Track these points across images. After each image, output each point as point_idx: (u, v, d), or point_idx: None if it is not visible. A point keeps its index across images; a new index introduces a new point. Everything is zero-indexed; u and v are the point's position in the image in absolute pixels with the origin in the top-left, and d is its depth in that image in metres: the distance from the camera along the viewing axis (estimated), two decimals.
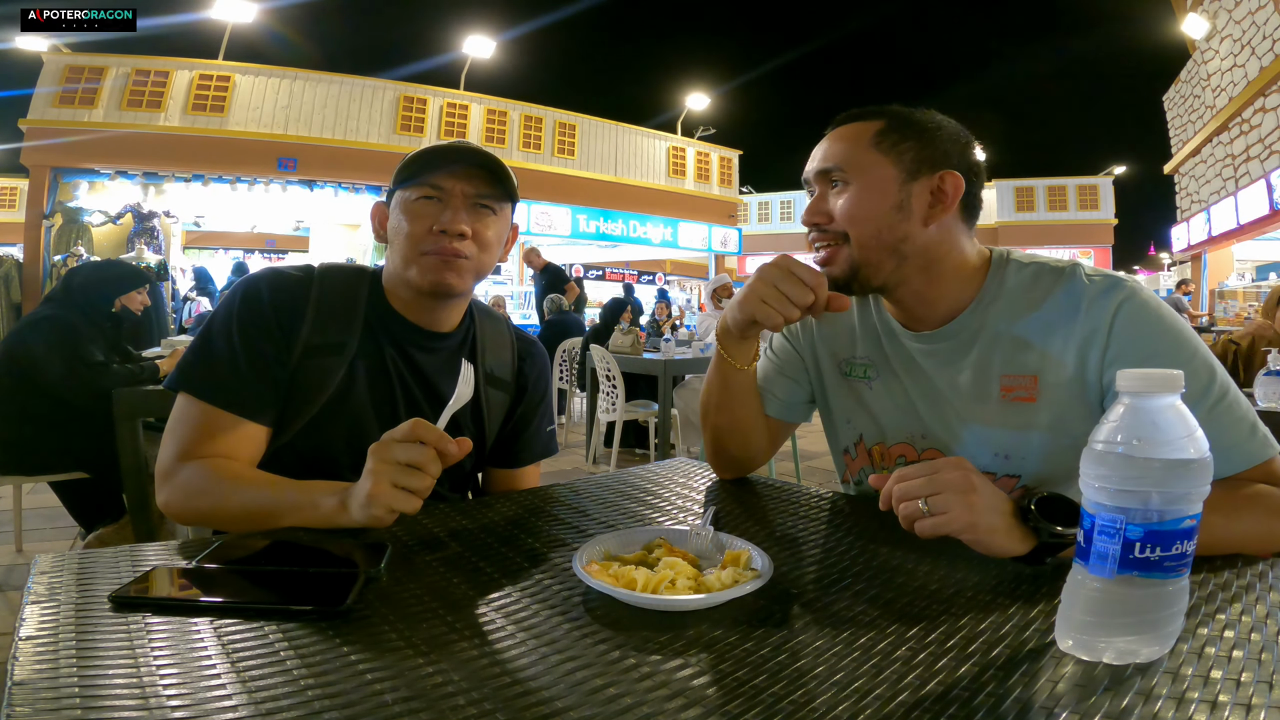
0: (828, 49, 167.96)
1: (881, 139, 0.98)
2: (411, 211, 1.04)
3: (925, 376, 1.03)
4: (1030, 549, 0.71)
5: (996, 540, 0.71)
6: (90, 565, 0.69)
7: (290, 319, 1.02)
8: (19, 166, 12.35)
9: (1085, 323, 0.91)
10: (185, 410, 0.98)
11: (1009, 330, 0.96)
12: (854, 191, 0.97)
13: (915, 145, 0.97)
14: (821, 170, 1.00)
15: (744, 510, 0.96)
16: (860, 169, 0.97)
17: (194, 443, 0.96)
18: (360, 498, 0.79)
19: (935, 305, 1.01)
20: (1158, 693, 0.49)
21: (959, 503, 0.70)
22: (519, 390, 1.21)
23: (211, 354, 1.00)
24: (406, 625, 0.59)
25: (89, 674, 0.49)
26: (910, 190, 0.97)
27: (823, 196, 1.00)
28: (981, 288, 1.00)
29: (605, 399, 4.77)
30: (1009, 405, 0.95)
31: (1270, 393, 2.34)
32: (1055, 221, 20.70)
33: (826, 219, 0.99)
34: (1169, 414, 0.53)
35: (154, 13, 13.74)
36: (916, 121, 0.99)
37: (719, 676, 0.51)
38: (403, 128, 13.62)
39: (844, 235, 0.98)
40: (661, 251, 17.71)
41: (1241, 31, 11.19)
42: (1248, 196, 10.93)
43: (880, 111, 1.00)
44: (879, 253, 0.97)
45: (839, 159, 0.99)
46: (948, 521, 0.71)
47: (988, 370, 0.97)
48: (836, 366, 1.13)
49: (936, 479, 0.72)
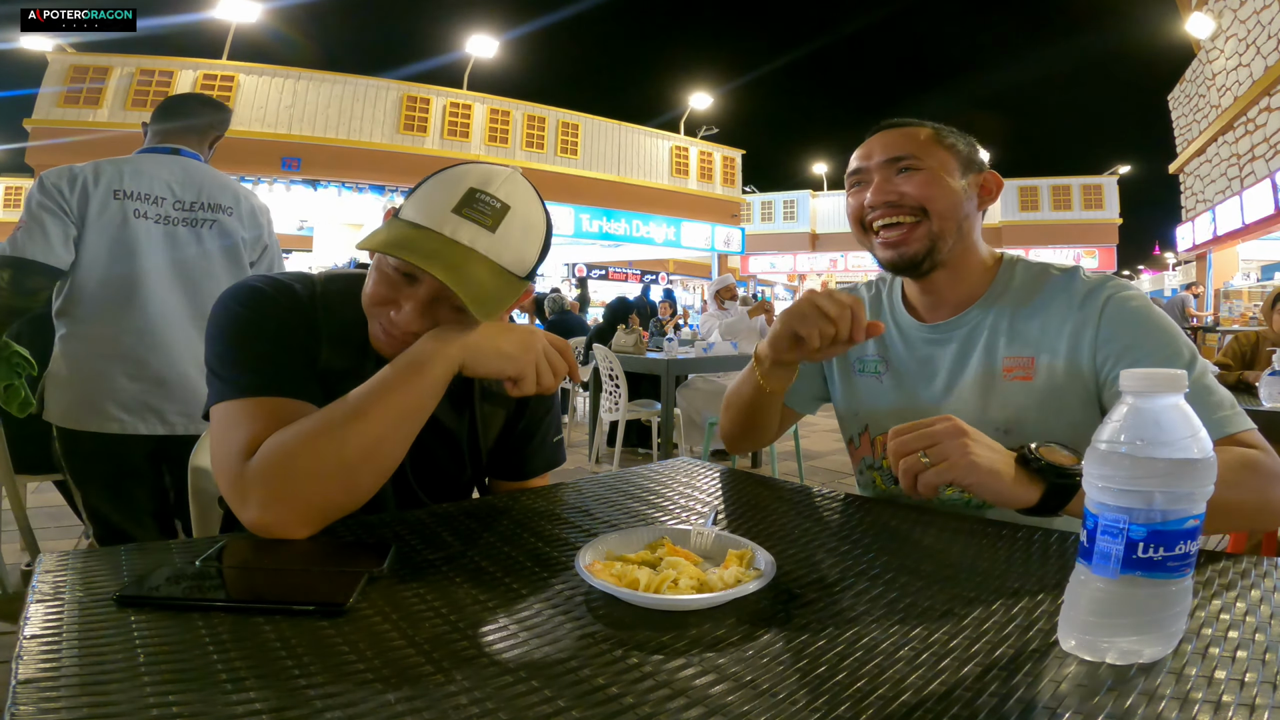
0: (830, 49, 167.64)
1: (939, 137, 1.09)
2: (378, 272, 0.90)
3: (936, 367, 1.12)
4: (1039, 495, 0.72)
5: (1002, 484, 0.74)
6: (95, 564, 0.69)
7: (307, 336, 0.93)
8: (24, 166, 12.40)
9: (1079, 313, 1.01)
10: (226, 417, 0.85)
11: (1012, 319, 1.07)
12: (930, 173, 1.06)
13: (963, 146, 1.10)
14: (890, 158, 1.08)
15: (747, 510, 0.96)
16: (932, 156, 1.07)
17: (253, 437, 0.81)
18: (509, 350, 0.86)
19: (955, 293, 1.11)
20: (1161, 693, 0.49)
21: (956, 448, 0.75)
22: (520, 403, 1.12)
23: (236, 356, 0.88)
24: (409, 624, 0.59)
25: (93, 673, 0.49)
26: (967, 181, 1.09)
27: (887, 179, 1.07)
28: (992, 283, 1.11)
29: (608, 398, 4.77)
30: (1010, 384, 1.05)
31: (1275, 393, 2.33)
32: (1059, 221, 20.63)
33: (899, 196, 1.06)
34: (1172, 414, 0.53)
35: (158, 12, 13.79)
36: (954, 130, 1.12)
37: (721, 676, 0.51)
38: (406, 127, 13.65)
39: (920, 211, 1.06)
40: (664, 251, 17.71)
41: (1246, 31, 11.14)
42: (1253, 196, 10.89)
43: (920, 121, 1.11)
44: (953, 226, 1.07)
45: (908, 148, 1.07)
46: (949, 468, 0.75)
47: (993, 354, 1.06)
48: (849, 365, 1.22)
49: (930, 432, 0.78)
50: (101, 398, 1.78)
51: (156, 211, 1.86)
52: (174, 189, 1.89)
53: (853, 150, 1.15)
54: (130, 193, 1.83)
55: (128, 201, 1.82)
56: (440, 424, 1.03)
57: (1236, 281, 12.59)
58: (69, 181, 1.79)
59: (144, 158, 1.92)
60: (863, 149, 1.13)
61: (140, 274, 1.82)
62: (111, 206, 1.81)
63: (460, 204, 0.85)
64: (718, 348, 5.08)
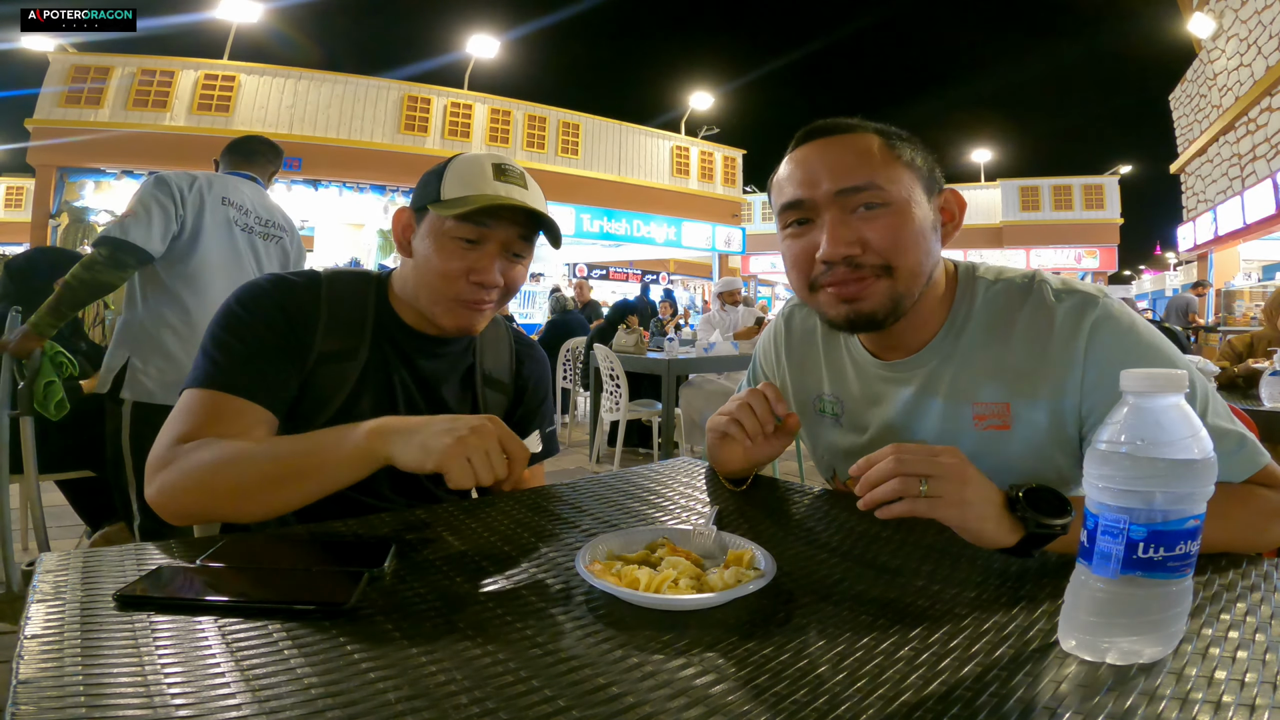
0: (831, 48, 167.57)
1: (893, 150, 0.87)
2: (446, 250, 0.99)
3: (895, 408, 0.97)
4: (1017, 540, 0.71)
5: (986, 528, 0.70)
6: (96, 564, 0.70)
7: (303, 324, 1.00)
8: (25, 166, 12.42)
9: (1057, 347, 0.86)
10: (187, 401, 0.92)
11: (979, 356, 0.92)
12: (896, 214, 0.85)
13: (920, 160, 0.89)
14: (849, 188, 0.85)
15: (747, 510, 0.96)
16: (894, 180, 0.85)
17: (194, 428, 0.89)
18: (429, 442, 0.80)
19: (913, 331, 0.95)
20: (1161, 693, 0.49)
21: (955, 491, 0.69)
22: (518, 392, 1.20)
23: (219, 348, 0.95)
24: (409, 624, 0.59)
25: (94, 672, 0.49)
26: (932, 207, 0.89)
27: (842, 222, 0.85)
28: (951, 310, 0.94)
29: (609, 398, 4.77)
30: (983, 435, 0.91)
31: (1276, 393, 2.33)
32: (1060, 221, 20.58)
33: (863, 249, 0.85)
34: (1173, 414, 0.53)
35: (159, 12, 13.80)
36: (903, 133, 0.90)
37: (722, 676, 0.51)
38: (407, 127, 13.65)
39: (884, 267, 0.86)
40: (665, 251, 17.70)
41: (1248, 31, 11.13)
42: (1254, 196, 10.87)
43: (863, 124, 0.89)
44: (920, 282, 0.88)
45: (864, 173, 0.85)
46: (942, 506, 0.69)
47: (960, 401, 0.92)
48: (810, 404, 1.11)
49: (936, 462, 0.70)
50: None
51: (245, 221, 2.33)
52: (255, 207, 2.38)
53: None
54: (232, 202, 2.30)
55: (230, 209, 2.29)
56: (446, 406, 1.10)
57: (1238, 282, 12.56)
58: (188, 182, 2.21)
59: (233, 178, 2.38)
60: (801, 171, 0.88)
61: (238, 270, 2.27)
62: (220, 211, 2.26)
63: (495, 174, 0.99)
64: (718, 348, 5.08)
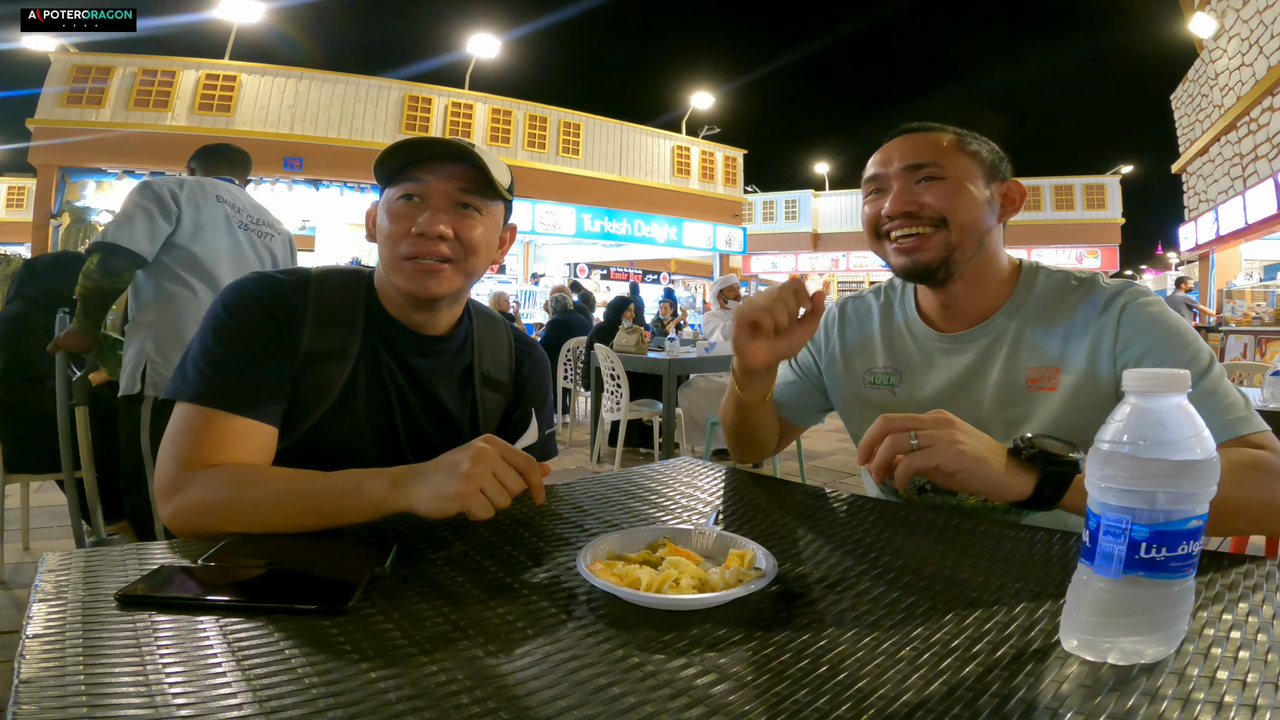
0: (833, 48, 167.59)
1: (962, 144, 1.06)
2: (392, 212, 1.00)
3: (952, 376, 1.09)
4: (1033, 486, 0.71)
5: (991, 473, 0.73)
6: (97, 563, 0.70)
7: (289, 324, 0.98)
8: (27, 166, 12.42)
9: (1099, 321, 1.01)
10: (184, 418, 0.92)
11: (1035, 329, 1.05)
12: (953, 182, 1.03)
13: (986, 153, 1.07)
14: (912, 165, 1.04)
15: (748, 509, 0.96)
16: (955, 164, 1.04)
17: (198, 450, 0.89)
18: (440, 488, 0.76)
19: (974, 304, 1.09)
20: (1163, 693, 0.48)
21: (945, 435, 0.75)
22: (517, 392, 1.18)
23: (209, 360, 0.94)
24: (411, 624, 0.59)
25: (95, 672, 0.49)
26: (991, 190, 1.06)
27: (907, 189, 1.04)
28: (1013, 292, 1.09)
29: (609, 398, 4.77)
30: (1034, 395, 1.03)
31: (1276, 393, 2.33)
32: (1062, 221, 20.59)
33: (919, 207, 1.03)
34: (1175, 414, 0.53)
35: (160, 12, 13.81)
36: (977, 135, 1.09)
37: (723, 676, 0.51)
38: (408, 127, 13.66)
39: (940, 221, 1.03)
40: (666, 251, 17.71)
41: (1250, 31, 11.12)
42: (1256, 196, 10.87)
43: (943, 126, 1.08)
44: (972, 238, 1.04)
45: (930, 155, 1.04)
46: (935, 453, 0.74)
47: (1016, 365, 1.04)
48: (860, 378, 1.18)
49: (921, 418, 0.77)
50: None
51: (240, 219, 2.42)
52: (246, 206, 2.47)
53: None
54: (225, 200, 2.39)
55: (225, 206, 2.38)
56: (444, 409, 1.08)
57: (1239, 281, 12.55)
58: (178, 184, 2.28)
59: (219, 181, 2.45)
60: (881, 154, 1.09)
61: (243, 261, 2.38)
62: (217, 207, 2.35)
63: (438, 137, 1.01)
64: (719, 347, 5.08)
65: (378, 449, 1.02)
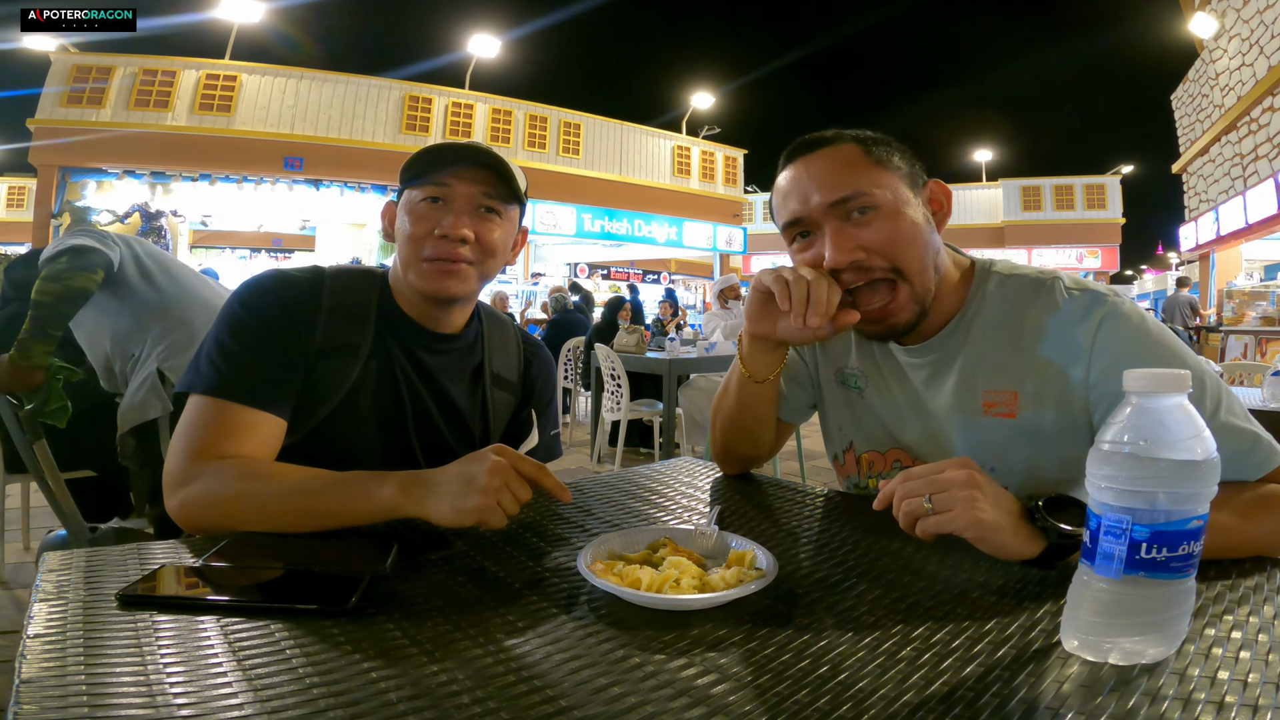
0: (833, 48, 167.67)
1: (875, 155, 0.92)
2: (415, 213, 1.01)
3: (913, 388, 1.01)
4: (1039, 551, 0.70)
5: (1004, 539, 0.69)
6: (98, 563, 0.70)
7: (304, 320, 0.99)
8: (27, 166, 12.43)
9: (1066, 341, 0.90)
10: (196, 411, 0.93)
11: (990, 345, 0.95)
12: (887, 210, 0.90)
13: (899, 159, 0.94)
14: (837, 201, 0.90)
15: (749, 510, 0.96)
16: (879, 184, 0.90)
17: (208, 442, 0.90)
18: (460, 501, 0.76)
19: (930, 319, 0.98)
20: (1164, 693, 0.48)
21: (963, 500, 0.69)
22: (525, 392, 1.21)
23: (222, 353, 0.95)
24: (412, 624, 0.59)
25: (96, 672, 0.49)
26: (920, 200, 0.94)
27: (840, 230, 0.91)
28: (965, 299, 0.99)
29: (610, 398, 4.77)
30: (990, 420, 0.94)
31: (1276, 393, 2.33)
32: (1062, 221, 20.57)
33: (865, 254, 0.90)
34: (1176, 414, 0.53)
35: (160, 12, 13.82)
36: (879, 137, 0.95)
37: (723, 676, 0.51)
38: (408, 127, 13.67)
39: (893, 270, 0.91)
40: (666, 251, 17.71)
41: (1250, 31, 11.12)
42: (1256, 196, 10.86)
43: (841, 135, 0.95)
44: (929, 274, 0.93)
45: (849, 181, 0.90)
46: (951, 519, 0.69)
47: (971, 385, 0.96)
48: (833, 375, 1.13)
49: (940, 478, 0.71)
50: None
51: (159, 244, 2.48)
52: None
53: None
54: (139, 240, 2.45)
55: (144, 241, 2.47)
56: (455, 405, 1.09)
57: (1240, 281, 12.55)
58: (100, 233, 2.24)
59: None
60: (793, 187, 0.94)
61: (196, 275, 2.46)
62: (144, 241, 2.43)
63: (465, 142, 1.04)
64: (720, 347, 5.08)
65: (386, 444, 1.04)
